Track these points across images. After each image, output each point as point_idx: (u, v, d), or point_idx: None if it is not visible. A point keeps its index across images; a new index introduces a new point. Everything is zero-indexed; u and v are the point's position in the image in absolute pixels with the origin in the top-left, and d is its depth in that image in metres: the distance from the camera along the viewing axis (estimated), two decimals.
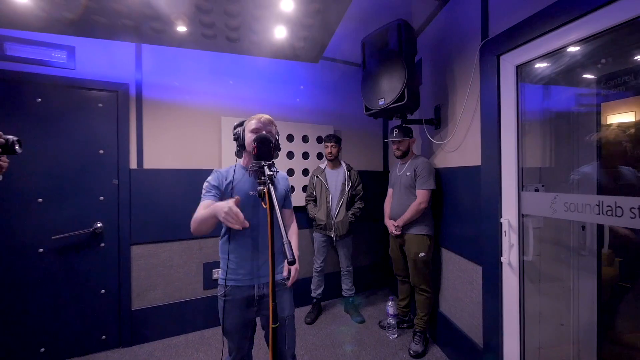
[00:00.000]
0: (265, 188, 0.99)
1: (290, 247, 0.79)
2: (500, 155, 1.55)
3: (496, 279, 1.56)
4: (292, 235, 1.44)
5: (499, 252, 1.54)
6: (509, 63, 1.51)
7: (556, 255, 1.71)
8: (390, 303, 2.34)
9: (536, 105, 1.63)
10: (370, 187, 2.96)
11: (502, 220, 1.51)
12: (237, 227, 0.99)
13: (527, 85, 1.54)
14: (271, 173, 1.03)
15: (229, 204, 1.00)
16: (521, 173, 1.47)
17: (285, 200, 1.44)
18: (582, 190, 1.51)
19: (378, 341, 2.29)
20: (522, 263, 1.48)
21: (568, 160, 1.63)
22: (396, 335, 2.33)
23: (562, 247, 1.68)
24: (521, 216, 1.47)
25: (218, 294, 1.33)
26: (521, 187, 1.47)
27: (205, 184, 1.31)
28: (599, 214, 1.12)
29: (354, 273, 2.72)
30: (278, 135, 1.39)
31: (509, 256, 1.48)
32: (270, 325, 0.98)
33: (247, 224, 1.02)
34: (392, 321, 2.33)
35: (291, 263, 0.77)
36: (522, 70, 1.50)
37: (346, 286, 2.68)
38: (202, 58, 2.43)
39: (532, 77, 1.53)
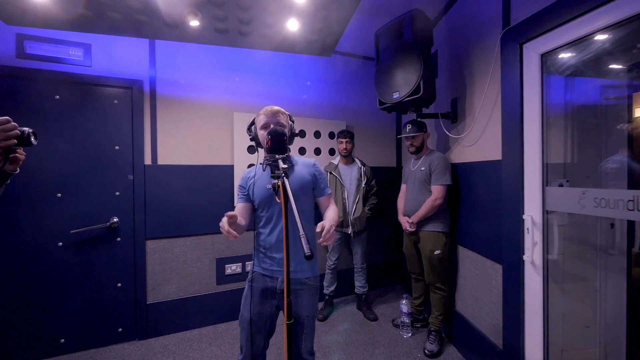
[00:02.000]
0: (279, 182, 0.97)
1: (307, 240, 0.76)
2: (522, 149, 1.48)
3: (518, 278, 1.50)
4: (331, 211, 1.38)
5: (520, 251, 1.48)
6: (532, 51, 1.43)
7: (581, 254, 1.63)
8: (404, 301, 2.29)
9: (561, 97, 1.55)
10: (382, 183, 2.91)
11: (524, 216, 1.44)
12: (231, 238, 1.05)
13: (551, 76, 1.46)
14: (286, 166, 1.00)
15: (223, 220, 1.06)
16: (545, 168, 1.40)
17: (315, 189, 1.39)
18: (610, 185, 1.42)
19: (392, 340, 2.25)
20: (546, 262, 1.41)
21: (595, 155, 1.54)
22: (410, 334, 2.28)
23: (588, 246, 1.60)
24: (545, 212, 1.40)
25: (247, 280, 1.38)
26: (546, 182, 1.40)
27: (238, 187, 1.42)
28: (632, 209, 1.05)
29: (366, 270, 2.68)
30: (292, 122, 1.36)
31: (532, 255, 1.41)
32: (285, 322, 0.97)
33: (236, 235, 1.06)
34: (406, 320, 2.28)
35: (308, 257, 0.74)
36: (546, 60, 1.42)
37: (359, 283, 2.65)
38: (214, 54, 2.43)
39: (557, 67, 1.45)
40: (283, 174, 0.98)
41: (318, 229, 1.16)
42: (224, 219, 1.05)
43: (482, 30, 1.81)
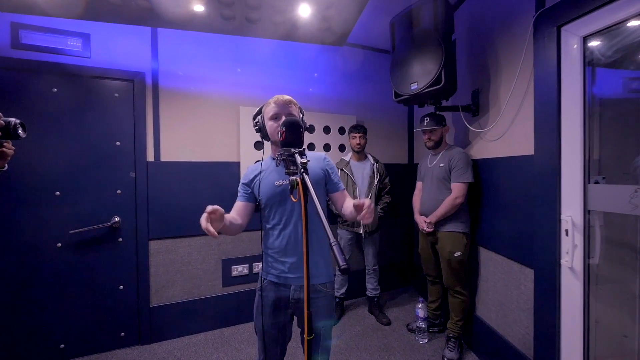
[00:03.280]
0: (298, 178, 0.85)
1: (340, 249, 0.64)
2: (560, 143, 1.35)
3: (553, 284, 1.37)
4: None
5: (556, 254, 1.35)
6: (572, 34, 1.30)
7: (619, 257, 1.49)
8: (420, 305, 2.17)
9: (598, 86, 1.41)
10: (394, 181, 2.78)
11: (563, 217, 1.31)
12: (210, 234, 0.91)
13: (589, 63, 1.32)
14: (304, 161, 0.88)
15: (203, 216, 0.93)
16: (587, 163, 1.27)
17: (329, 184, 1.26)
18: None
19: (407, 346, 2.13)
20: (587, 267, 1.28)
21: (635, 151, 1.40)
22: (427, 340, 2.16)
23: (627, 248, 1.47)
24: (587, 213, 1.27)
25: (257, 288, 1.26)
26: (587, 179, 1.26)
27: (240, 184, 1.29)
28: None
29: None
30: (303, 115, 1.25)
31: (572, 259, 1.28)
32: (305, 337, 0.85)
33: (215, 235, 0.92)
34: (422, 325, 2.16)
35: (344, 271, 0.62)
36: (587, 45, 1.28)
37: (371, 285, 2.53)
38: (219, 45, 2.31)
39: (602, 52, 1.30)
40: (302, 170, 0.85)
41: (355, 203, 1.00)
42: (204, 215, 0.93)
43: (510, 15, 1.67)
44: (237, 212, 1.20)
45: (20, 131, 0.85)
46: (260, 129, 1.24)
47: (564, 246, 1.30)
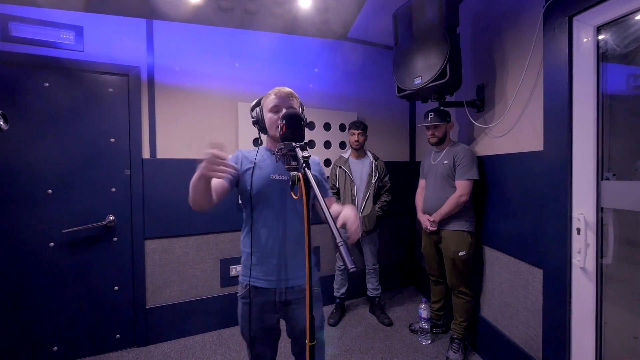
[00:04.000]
0: (300, 173, 0.79)
1: (348, 250, 0.58)
2: (571, 138, 1.29)
3: (564, 285, 1.32)
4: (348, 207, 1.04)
5: (568, 254, 1.30)
6: (585, 24, 1.24)
7: (630, 256, 1.45)
8: (423, 306, 2.12)
9: (610, 81, 1.35)
10: (395, 179, 2.72)
11: (575, 215, 1.26)
12: (220, 175, 0.89)
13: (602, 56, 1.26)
14: (306, 155, 0.82)
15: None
16: (601, 160, 1.22)
17: (319, 189, 1.21)
18: None
19: (410, 347, 2.08)
20: (599, 267, 1.23)
21: None
22: (429, 341, 2.12)
23: (637, 247, 1.42)
24: (600, 210, 1.22)
25: (238, 295, 1.17)
26: (601, 175, 1.21)
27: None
28: None
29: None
30: (303, 110, 1.19)
31: (585, 259, 1.23)
32: (308, 344, 0.80)
33: (231, 171, 0.89)
34: (425, 325, 2.11)
35: (353, 274, 0.57)
36: (601, 37, 1.23)
37: (372, 285, 2.48)
38: (217, 39, 2.24)
39: (617, 42, 1.25)
40: (304, 165, 0.80)
41: (340, 223, 0.91)
42: (214, 150, 0.89)
43: (517, 6, 1.61)
44: (214, 188, 1.09)
45: (1, 122, 0.79)
46: (258, 121, 1.17)
47: (576, 245, 1.25)
